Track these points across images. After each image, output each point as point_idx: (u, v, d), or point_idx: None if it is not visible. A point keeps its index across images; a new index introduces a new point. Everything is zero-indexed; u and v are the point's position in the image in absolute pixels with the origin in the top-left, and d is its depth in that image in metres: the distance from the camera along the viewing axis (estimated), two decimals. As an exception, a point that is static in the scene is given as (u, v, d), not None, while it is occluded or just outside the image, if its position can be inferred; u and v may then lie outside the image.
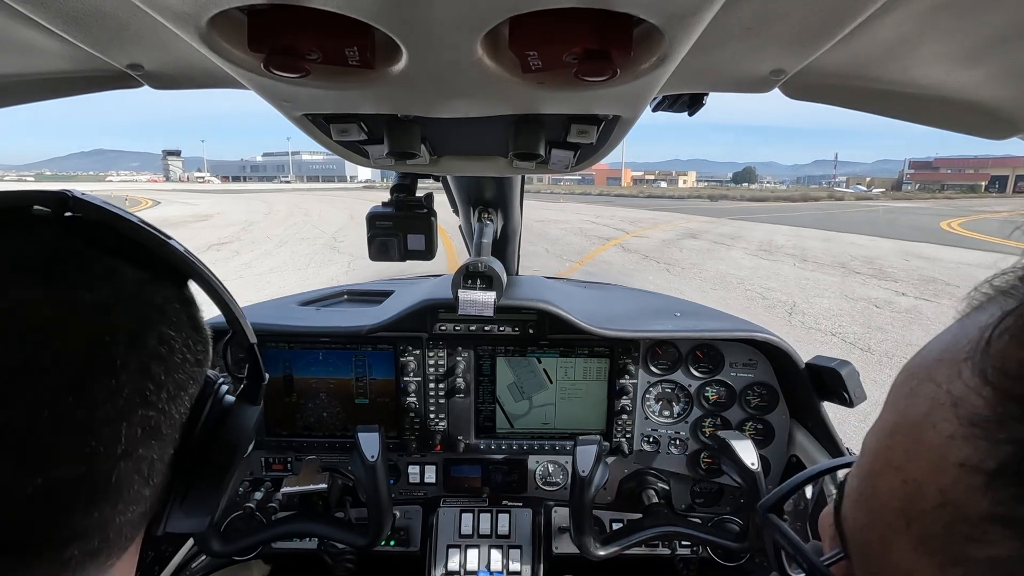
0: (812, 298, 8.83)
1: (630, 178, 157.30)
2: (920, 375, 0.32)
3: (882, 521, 0.32)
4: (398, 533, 1.68)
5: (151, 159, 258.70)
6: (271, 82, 0.55)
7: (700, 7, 0.41)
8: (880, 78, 0.68)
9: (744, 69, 0.65)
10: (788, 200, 46.05)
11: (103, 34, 0.59)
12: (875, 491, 0.33)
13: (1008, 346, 0.27)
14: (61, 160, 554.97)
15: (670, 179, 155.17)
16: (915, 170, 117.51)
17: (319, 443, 1.68)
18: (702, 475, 1.67)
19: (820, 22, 0.51)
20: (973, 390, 0.27)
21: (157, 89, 0.76)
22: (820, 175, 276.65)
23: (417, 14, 0.43)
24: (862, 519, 0.34)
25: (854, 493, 0.36)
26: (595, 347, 1.65)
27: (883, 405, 0.35)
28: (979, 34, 0.54)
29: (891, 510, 0.31)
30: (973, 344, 0.29)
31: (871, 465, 0.34)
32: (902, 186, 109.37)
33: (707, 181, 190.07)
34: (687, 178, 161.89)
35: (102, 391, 0.37)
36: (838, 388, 1.42)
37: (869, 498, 0.34)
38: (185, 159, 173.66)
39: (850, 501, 0.36)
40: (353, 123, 0.75)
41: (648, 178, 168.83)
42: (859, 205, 41.35)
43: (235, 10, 0.45)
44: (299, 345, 1.64)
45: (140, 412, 0.40)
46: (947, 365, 0.30)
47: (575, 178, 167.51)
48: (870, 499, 0.33)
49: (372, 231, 1.23)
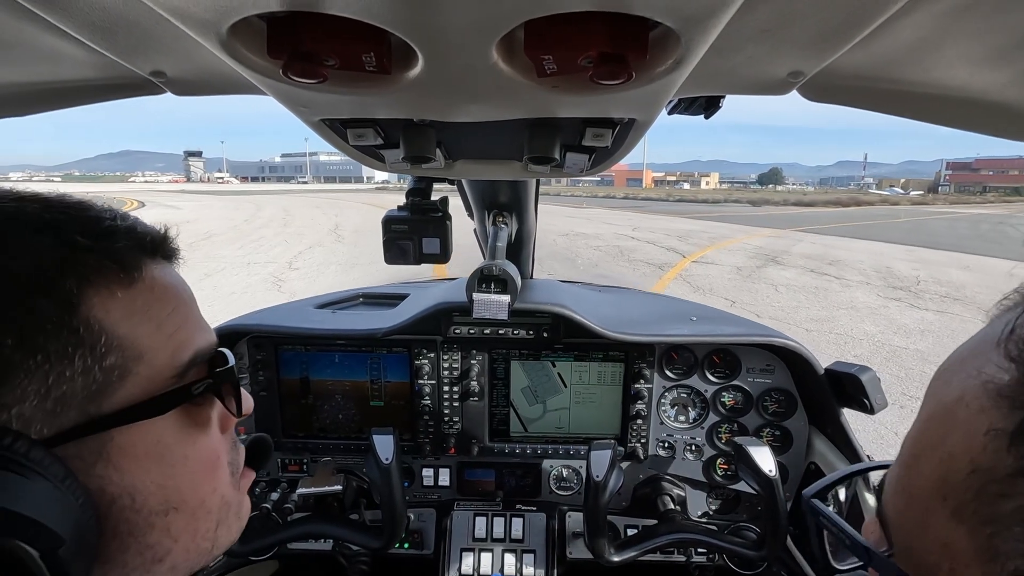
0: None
1: (651, 179, 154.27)
2: (953, 368, 0.36)
3: (919, 503, 0.35)
4: (412, 536, 1.68)
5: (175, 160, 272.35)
6: (290, 88, 0.56)
7: (717, 9, 0.41)
8: (901, 79, 0.67)
9: (761, 71, 0.65)
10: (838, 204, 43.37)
11: (128, 42, 0.61)
12: (913, 476, 0.36)
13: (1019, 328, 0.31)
14: (89, 161, 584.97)
15: (692, 180, 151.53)
16: (953, 171, 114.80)
17: (334, 445, 1.70)
18: (718, 482, 1.65)
19: (839, 24, 0.51)
20: (1001, 369, 0.31)
21: (179, 95, 0.78)
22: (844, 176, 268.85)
23: (433, 20, 0.43)
24: (900, 504, 0.37)
25: (893, 483, 0.39)
26: (610, 351, 1.65)
27: (919, 409, 0.39)
28: (1004, 35, 0.53)
29: (928, 490, 0.34)
30: (1001, 334, 0.33)
31: (909, 454, 0.37)
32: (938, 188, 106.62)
33: (730, 182, 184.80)
34: (709, 179, 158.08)
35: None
36: (858, 394, 1.39)
37: (908, 484, 0.37)
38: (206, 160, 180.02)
39: (889, 493, 0.39)
40: (369, 127, 0.75)
41: (669, 179, 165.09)
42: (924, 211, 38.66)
43: (255, 17, 0.46)
44: (315, 347, 1.66)
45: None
46: (977, 355, 0.35)
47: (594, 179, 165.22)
48: (908, 485, 0.36)
49: (388, 234, 1.24)
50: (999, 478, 0.29)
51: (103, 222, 0.49)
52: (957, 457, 0.32)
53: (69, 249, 0.44)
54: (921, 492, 0.35)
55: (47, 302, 0.41)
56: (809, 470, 1.59)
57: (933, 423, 0.35)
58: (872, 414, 1.39)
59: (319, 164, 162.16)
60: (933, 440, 0.35)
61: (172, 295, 0.52)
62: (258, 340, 1.64)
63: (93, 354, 0.43)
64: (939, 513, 0.33)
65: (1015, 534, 0.28)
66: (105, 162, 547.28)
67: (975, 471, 0.31)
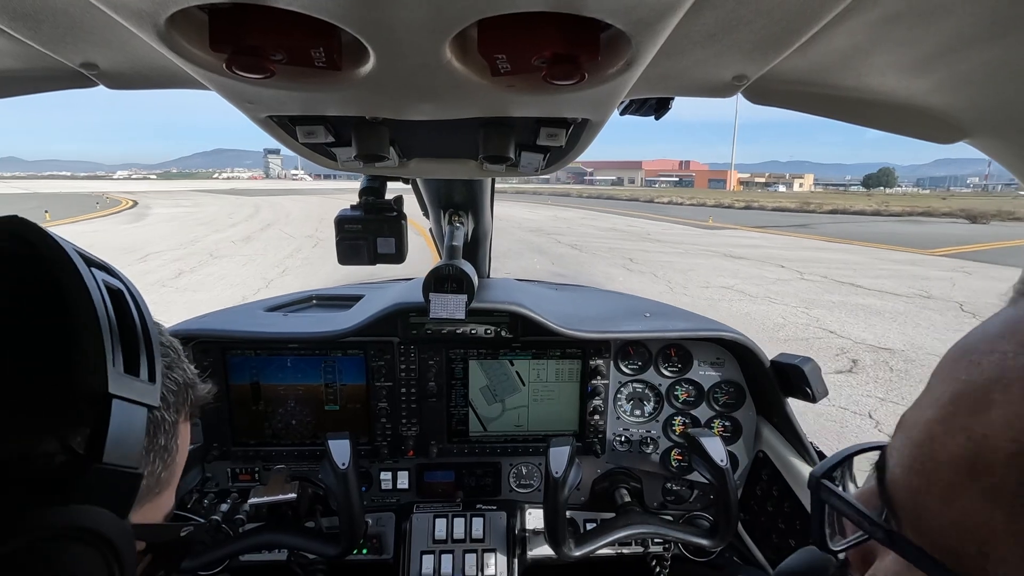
0: None
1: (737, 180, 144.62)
2: (981, 349, 0.35)
3: (942, 481, 0.34)
4: (371, 541, 1.66)
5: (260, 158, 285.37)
6: (234, 83, 0.54)
7: (665, 13, 0.42)
8: (837, 85, 0.71)
9: (708, 74, 0.67)
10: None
11: (54, 32, 0.57)
12: (931, 455, 0.36)
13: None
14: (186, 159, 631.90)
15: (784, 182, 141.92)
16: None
17: (288, 452, 1.65)
18: (673, 473, 1.70)
19: (779, 30, 0.53)
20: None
21: (113, 89, 0.74)
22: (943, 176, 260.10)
23: (384, 16, 0.43)
24: (916, 483, 0.37)
25: (905, 462, 0.38)
26: (567, 349, 1.67)
27: (926, 387, 0.39)
28: (927, 45, 0.56)
29: (953, 468, 0.34)
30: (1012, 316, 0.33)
31: (925, 433, 0.37)
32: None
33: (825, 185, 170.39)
34: (803, 181, 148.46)
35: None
36: (801, 384, 1.46)
37: (925, 463, 0.36)
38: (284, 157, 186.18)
39: (899, 471, 0.39)
40: (320, 125, 0.73)
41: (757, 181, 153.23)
42: None
43: (195, 8, 0.43)
44: (266, 352, 1.60)
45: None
46: (1012, 337, 0.34)
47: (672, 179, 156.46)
48: (926, 463, 0.36)
49: (341, 234, 1.21)
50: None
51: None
52: (995, 437, 0.32)
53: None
54: (942, 470, 0.34)
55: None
56: (758, 458, 1.65)
57: (961, 402, 0.35)
58: (814, 403, 1.46)
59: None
60: (960, 420, 0.34)
61: None
62: (204, 345, 1.58)
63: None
64: (967, 492, 0.32)
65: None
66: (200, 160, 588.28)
67: (1019, 453, 0.30)
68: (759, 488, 1.63)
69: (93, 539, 0.45)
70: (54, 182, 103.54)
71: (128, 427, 0.47)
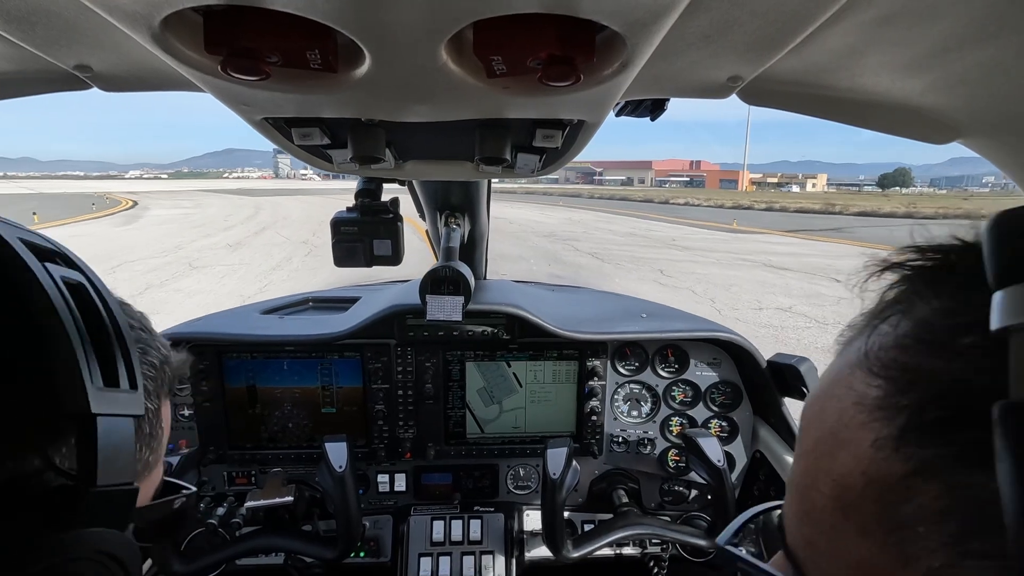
0: None
1: (749, 180, 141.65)
2: (823, 397, 0.39)
3: (825, 525, 0.36)
4: (368, 544, 1.65)
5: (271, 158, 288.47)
6: (229, 85, 0.54)
7: (660, 15, 0.42)
8: (832, 85, 0.71)
9: (703, 75, 0.67)
10: None
11: (48, 34, 0.57)
12: (812, 502, 0.37)
13: (881, 347, 0.35)
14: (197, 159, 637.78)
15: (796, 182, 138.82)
16: None
17: (284, 455, 1.64)
18: (670, 473, 1.70)
19: (774, 31, 0.53)
20: (870, 385, 0.34)
21: (107, 91, 0.73)
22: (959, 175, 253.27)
23: (380, 18, 0.43)
24: (807, 532, 0.38)
25: (794, 517, 0.40)
26: (564, 350, 1.67)
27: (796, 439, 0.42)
28: (921, 45, 0.57)
29: (829, 511, 0.35)
30: (857, 358, 0.36)
31: (802, 484, 0.39)
32: None
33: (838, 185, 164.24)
34: (816, 181, 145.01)
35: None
36: (797, 384, 1.46)
37: (808, 511, 0.38)
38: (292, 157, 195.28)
39: (792, 526, 0.41)
40: (316, 127, 0.73)
41: (769, 181, 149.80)
42: None
43: (190, 10, 0.43)
44: (263, 355, 1.60)
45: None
46: (842, 382, 0.37)
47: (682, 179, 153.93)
48: (809, 512, 0.38)
49: (337, 236, 1.21)
50: (893, 484, 0.31)
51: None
52: (850, 474, 0.34)
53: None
54: (823, 516, 0.36)
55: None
56: (755, 458, 1.66)
57: (820, 448, 0.37)
58: None
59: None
60: (823, 465, 0.36)
61: None
62: (200, 348, 1.57)
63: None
64: (846, 533, 0.34)
65: (920, 534, 0.29)
66: (211, 160, 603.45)
67: (870, 483, 0.32)
68: (756, 488, 1.63)
69: (101, 557, 0.45)
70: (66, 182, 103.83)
71: (117, 443, 0.46)
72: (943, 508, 0.28)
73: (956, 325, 0.31)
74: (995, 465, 0.25)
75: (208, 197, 41.10)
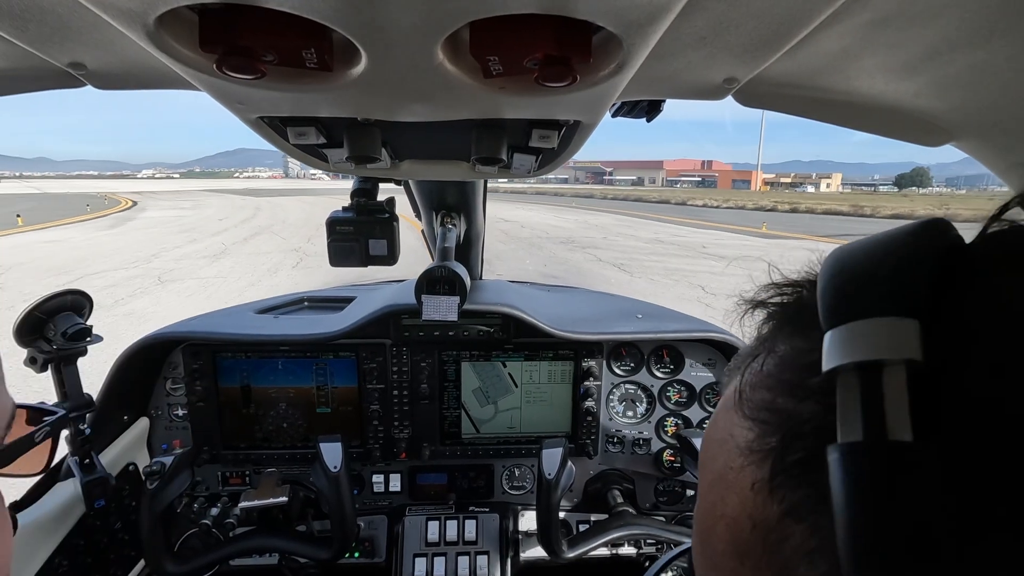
0: None
1: (762, 181, 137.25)
2: (710, 440, 0.40)
3: (725, 569, 0.36)
4: (363, 544, 1.65)
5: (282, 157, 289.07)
6: (224, 83, 0.54)
7: (657, 16, 0.42)
8: (826, 87, 0.71)
9: (699, 76, 0.67)
10: None
11: (42, 31, 0.56)
12: (711, 548, 0.38)
13: (751, 391, 0.35)
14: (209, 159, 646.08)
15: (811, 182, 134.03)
16: None
17: (279, 455, 1.63)
18: (666, 474, 1.71)
19: (770, 33, 0.53)
20: (744, 428, 0.35)
21: (101, 89, 0.73)
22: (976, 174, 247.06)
23: (376, 17, 0.42)
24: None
25: (700, 560, 0.41)
26: (559, 350, 1.67)
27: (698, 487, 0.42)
28: (914, 48, 0.57)
29: (726, 555, 0.35)
30: (733, 399, 0.37)
31: (702, 528, 0.39)
32: None
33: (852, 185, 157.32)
34: (830, 181, 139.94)
35: None
36: None
37: (709, 557, 0.38)
38: None
39: (700, 570, 0.41)
40: (311, 126, 0.73)
41: (783, 181, 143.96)
42: None
43: (185, 8, 0.43)
44: (257, 354, 1.59)
45: None
46: (723, 423, 0.38)
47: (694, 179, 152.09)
48: (710, 557, 0.38)
49: (332, 236, 1.21)
50: (772, 525, 0.31)
51: None
52: (738, 518, 0.34)
53: None
54: (722, 561, 0.36)
55: None
56: None
57: (713, 493, 0.37)
58: None
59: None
60: (717, 509, 0.36)
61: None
62: (194, 348, 1.56)
63: None
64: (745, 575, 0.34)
65: (802, 574, 0.30)
66: (223, 159, 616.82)
67: (755, 526, 0.33)
68: None
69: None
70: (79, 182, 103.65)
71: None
72: (814, 548, 0.29)
73: (805, 365, 0.31)
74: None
75: (211, 197, 39.91)
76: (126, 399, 1.53)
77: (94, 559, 1.33)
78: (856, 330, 0.27)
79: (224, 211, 26.86)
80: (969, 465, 0.23)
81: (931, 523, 0.23)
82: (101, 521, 1.36)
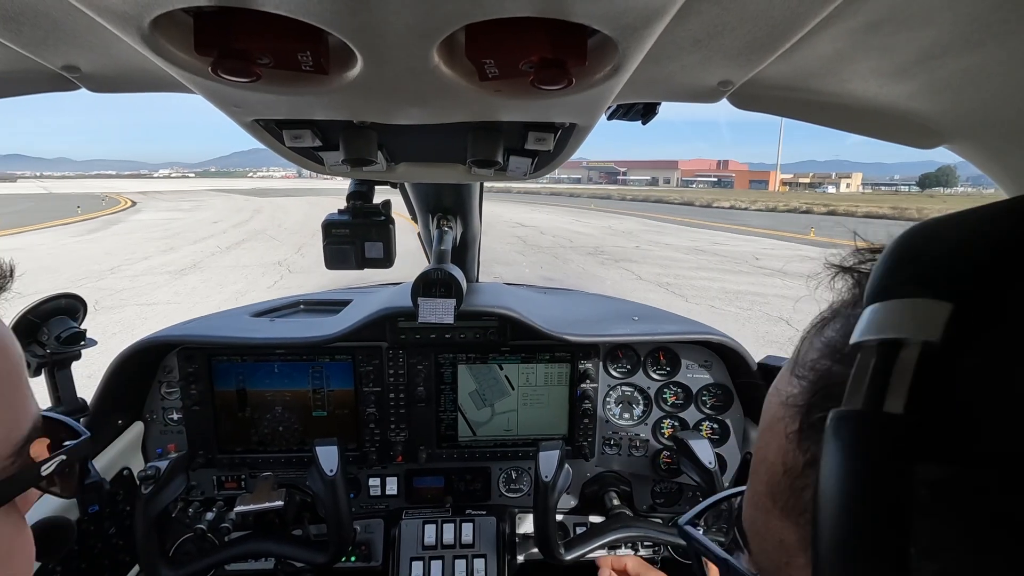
0: None
1: (780, 181, 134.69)
2: (770, 395, 0.43)
3: (762, 510, 0.40)
4: (359, 548, 1.64)
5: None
6: (219, 86, 0.54)
7: (651, 19, 0.43)
8: (820, 90, 0.72)
9: (694, 80, 0.67)
10: None
11: (36, 34, 0.56)
12: (755, 488, 0.42)
13: (806, 352, 0.38)
14: (225, 158, 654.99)
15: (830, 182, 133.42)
16: None
17: (275, 459, 1.63)
18: (662, 475, 1.71)
19: (764, 36, 0.54)
20: (792, 386, 0.38)
21: (95, 92, 0.73)
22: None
23: (371, 20, 0.42)
24: (750, 513, 0.43)
25: (746, 500, 0.44)
26: (556, 352, 1.67)
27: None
28: (907, 51, 0.58)
29: (763, 494, 0.40)
30: (791, 361, 0.40)
31: (752, 470, 0.43)
32: None
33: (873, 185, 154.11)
34: (850, 181, 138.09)
35: None
36: None
37: (753, 495, 0.42)
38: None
39: (746, 508, 0.45)
40: (307, 129, 0.73)
41: (801, 181, 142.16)
42: None
43: (179, 11, 0.43)
44: (253, 358, 1.59)
45: None
46: (780, 381, 0.41)
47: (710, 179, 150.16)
48: (754, 495, 0.42)
49: (328, 239, 1.21)
50: (798, 472, 0.35)
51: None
52: (775, 463, 0.38)
53: None
54: (761, 499, 0.40)
55: None
56: (746, 460, 1.66)
57: (762, 439, 0.41)
58: None
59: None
60: (762, 453, 0.40)
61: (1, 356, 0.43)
62: (189, 352, 1.55)
63: None
64: (773, 514, 0.38)
65: (808, 519, 0.33)
66: (238, 159, 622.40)
67: (786, 471, 0.37)
68: None
69: None
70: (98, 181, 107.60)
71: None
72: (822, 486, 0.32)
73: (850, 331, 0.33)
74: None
75: (215, 198, 39.00)
76: (120, 403, 1.52)
77: (88, 564, 1.32)
78: (888, 309, 0.28)
79: (222, 213, 25.90)
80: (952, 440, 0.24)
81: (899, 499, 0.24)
82: (95, 526, 1.35)
